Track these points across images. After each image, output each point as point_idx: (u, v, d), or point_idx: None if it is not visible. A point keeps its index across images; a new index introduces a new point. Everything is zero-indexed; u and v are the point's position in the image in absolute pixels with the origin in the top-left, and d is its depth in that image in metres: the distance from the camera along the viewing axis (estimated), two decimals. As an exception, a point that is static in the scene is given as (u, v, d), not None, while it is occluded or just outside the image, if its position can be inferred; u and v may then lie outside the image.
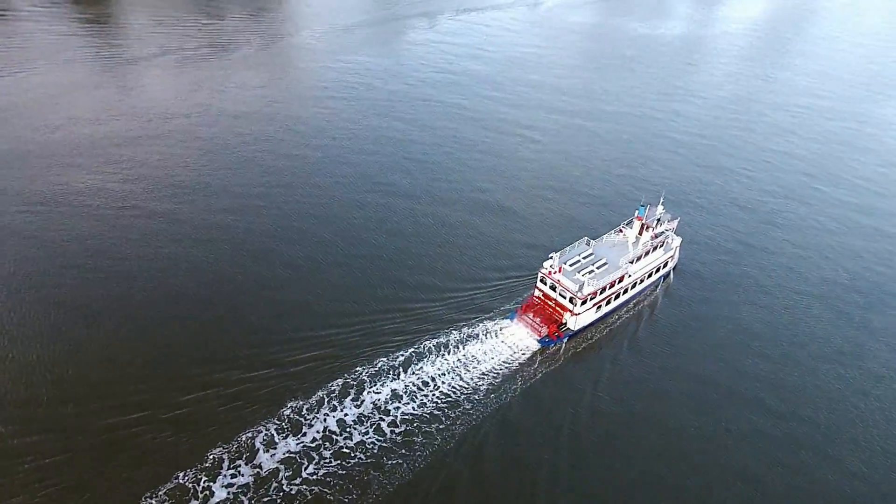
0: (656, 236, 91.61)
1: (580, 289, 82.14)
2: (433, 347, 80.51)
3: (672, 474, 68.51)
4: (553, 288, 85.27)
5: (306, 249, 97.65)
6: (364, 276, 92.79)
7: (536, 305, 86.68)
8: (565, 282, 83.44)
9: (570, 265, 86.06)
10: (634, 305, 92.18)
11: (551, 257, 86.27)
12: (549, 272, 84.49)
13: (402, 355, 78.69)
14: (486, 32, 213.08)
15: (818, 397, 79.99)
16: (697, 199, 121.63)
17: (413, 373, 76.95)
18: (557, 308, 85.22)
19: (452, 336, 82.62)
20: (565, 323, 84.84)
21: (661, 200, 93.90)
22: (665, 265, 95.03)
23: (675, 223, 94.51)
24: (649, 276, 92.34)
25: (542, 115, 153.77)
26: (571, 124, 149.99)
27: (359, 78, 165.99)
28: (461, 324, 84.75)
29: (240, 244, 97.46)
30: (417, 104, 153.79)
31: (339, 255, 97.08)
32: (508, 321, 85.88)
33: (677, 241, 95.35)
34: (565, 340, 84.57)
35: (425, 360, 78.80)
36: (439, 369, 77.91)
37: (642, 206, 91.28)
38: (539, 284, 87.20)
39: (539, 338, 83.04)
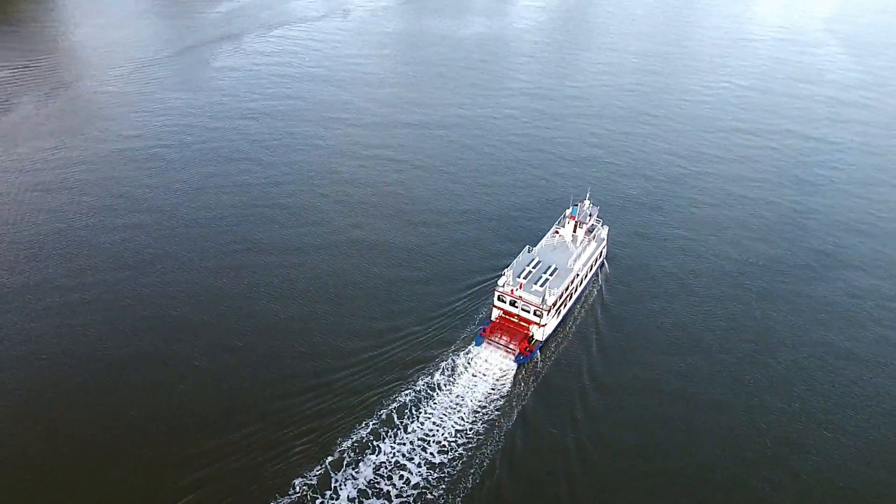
0: (589, 230, 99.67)
1: (544, 300, 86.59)
2: (411, 400, 79.16)
3: (674, 465, 75.97)
4: (513, 304, 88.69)
5: (175, 345, 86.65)
6: (273, 355, 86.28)
7: (500, 325, 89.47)
8: (528, 297, 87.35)
9: (525, 278, 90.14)
10: (584, 301, 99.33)
11: (504, 274, 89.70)
12: (512, 290, 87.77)
13: (378, 419, 76.59)
14: (306, 48, 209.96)
15: (761, 355, 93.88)
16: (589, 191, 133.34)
17: (398, 434, 74.91)
18: (522, 323, 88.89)
19: (425, 381, 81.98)
20: (533, 336, 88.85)
21: (588, 195, 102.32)
22: (601, 255, 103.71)
23: (596, 210, 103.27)
24: (591, 269, 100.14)
25: (396, 131, 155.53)
26: (430, 136, 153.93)
27: (176, 120, 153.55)
28: (428, 364, 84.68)
29: (84, 349, 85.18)
30: (256, 140, 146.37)
31: (232, 338, 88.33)
32: (477, 347, 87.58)
33: (605, 230, 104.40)
34: (538, 353, 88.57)
35: (406, 416, 77.16)
36: (426, 422, 76.75)
37: (575, 204, 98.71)
38: (497, 303, 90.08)
39: (514, 357, 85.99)
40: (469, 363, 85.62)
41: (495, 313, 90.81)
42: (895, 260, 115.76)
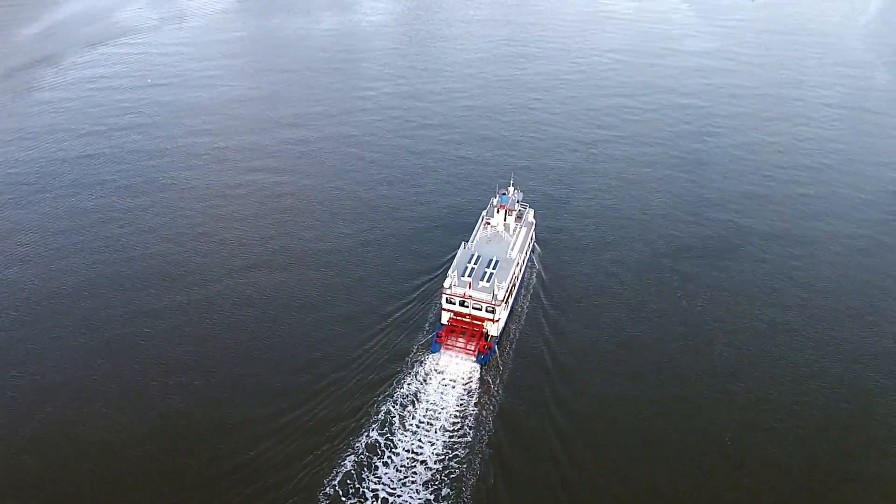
0: (518, 216, 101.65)
1: (494, 296, 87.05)
2: (384, 422, 76.87)
3: (653, 437, 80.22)
4: (463, 304, 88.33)
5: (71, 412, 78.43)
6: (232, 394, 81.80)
7: (453, 328, 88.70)
8: (478, 294, 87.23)
9: (469, 276, 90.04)
10: (527, 288, 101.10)
11: (449, 276, 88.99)
12: (464, 293, 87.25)
13: (357, 447, 73.89)
14: (148, 62, 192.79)
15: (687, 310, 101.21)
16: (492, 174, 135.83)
17: (382, 457, 72.69)
18: (475, 322, 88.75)
19: (392, 399, 79.87)
20: (489, 333, 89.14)
21: (512, 181, 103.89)
22: (532, 239, 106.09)
23: (521, 195, 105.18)
24: (527, 254, 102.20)
25: (272, 141, 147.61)
26: (311, 143, 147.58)
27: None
28: (389, 382, 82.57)
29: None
30: (113, 170, 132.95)
31: (142, 402, 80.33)
32: (434, 354, 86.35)
33: (531, 212, 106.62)
34: (496, 349, 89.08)
35: (389, 433, 75.08)
36: (408, 436, 75.16)
37: (504, 194, 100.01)
38: (446, 305, 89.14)
39: (475, 358, 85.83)
40: (431, 373, 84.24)
41: (445, 316, 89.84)
42: (790, 217, 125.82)
